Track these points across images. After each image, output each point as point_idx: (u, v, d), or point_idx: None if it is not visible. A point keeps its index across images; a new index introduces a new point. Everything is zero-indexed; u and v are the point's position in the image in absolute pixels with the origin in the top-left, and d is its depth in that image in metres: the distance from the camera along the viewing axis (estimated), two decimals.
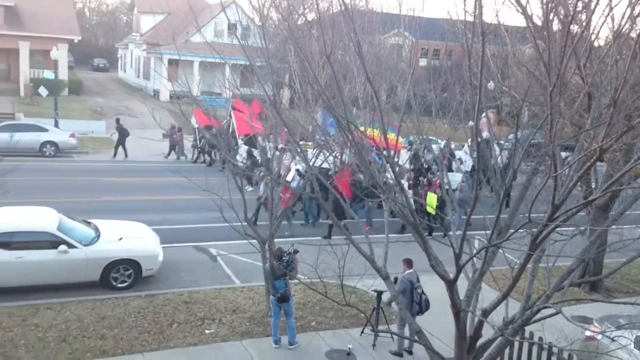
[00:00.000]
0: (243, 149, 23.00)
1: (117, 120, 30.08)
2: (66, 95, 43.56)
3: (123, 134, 29.01)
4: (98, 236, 13.79)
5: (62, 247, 12.88)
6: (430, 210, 17.69)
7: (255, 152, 22.33)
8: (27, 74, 42.96)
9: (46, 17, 43.93)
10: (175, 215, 19.31)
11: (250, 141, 22.78)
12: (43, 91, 39.10)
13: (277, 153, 13.29)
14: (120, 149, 28.98)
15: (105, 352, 10.65)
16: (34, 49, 43.47)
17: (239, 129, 24.62)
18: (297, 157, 13.83)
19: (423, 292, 10.99)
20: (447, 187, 9.68)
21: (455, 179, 21.13)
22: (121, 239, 13.93)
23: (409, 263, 11.31)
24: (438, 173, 20.63)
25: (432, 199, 18.28)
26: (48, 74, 39.41)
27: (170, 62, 36.37)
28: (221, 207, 11.19)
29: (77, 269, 13.07)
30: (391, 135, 10.29)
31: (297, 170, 18.05)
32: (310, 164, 10.89)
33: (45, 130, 28.64)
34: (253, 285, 13.97)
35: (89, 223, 14.55)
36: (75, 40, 46.36)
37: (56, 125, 31.25)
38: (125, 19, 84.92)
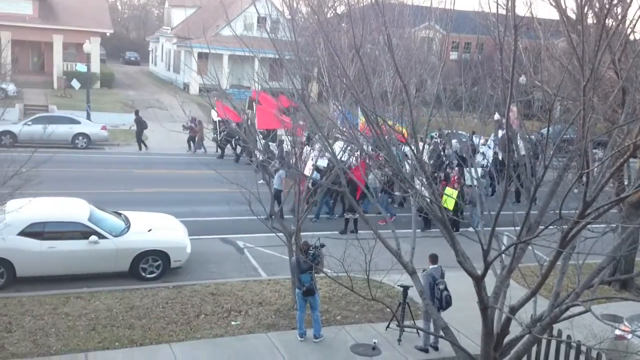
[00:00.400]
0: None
1: (137, 112, 30.21)
2: (98, 88, 44.26)
3: (141, 126, 29.15)
4: (128, 227, 14.00)
5: (93, 237, 13.11)
6: (449, 205, 17.30)
7: (273, 146, 22.49)
8: (60, 67, 43.75)
9: (79, 11, 44.66)
10: (203, 207, 19.48)
11: (268, 135, 22.91)
12: (76, 84, 39.77)
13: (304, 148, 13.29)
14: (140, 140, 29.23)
15: (134, 341, 10.82)
16: (67, 42, 44.24)
17: (259, 124, 24.48)
18: (314, 152, 13.83)
19: (445, 289, 10.86)
20: (475, 181, 9.56)
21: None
22: (150, 230, 14.13)
23: (433, 258, 11.23)
24: (456, 168, 20.38)
25: (452, 194, 17.99)
26: (81, 67, 40.09)
27: (200, 55, 36.63)
28: (250, 200, 11.28)
29: (107, 259, 13.30)
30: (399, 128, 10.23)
31: (315, 165, 18.10)
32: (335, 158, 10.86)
33: (78, 122, 29.13)
34: (279, 278, 14.04)
35: (119, 214, 14.78)
36: (108, 34, 47.06)
37: (88, 117, 31.79)
38: (157, 12, 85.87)
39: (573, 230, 6.55)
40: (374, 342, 11.17)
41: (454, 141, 17.56)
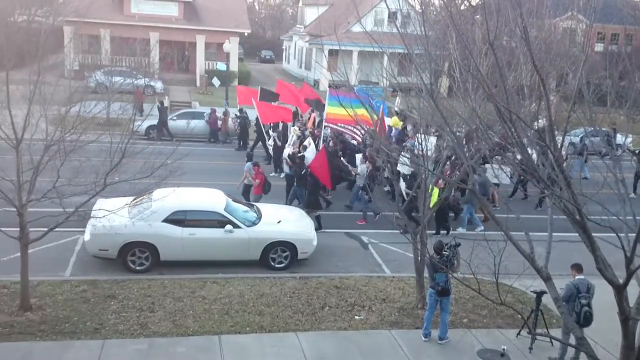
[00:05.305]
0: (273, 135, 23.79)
1: (162, 102, 29.58)
2: (236, 85, 46.47)
3: (163, 114, 28.46)
4: (259, 218, 14.58)
5: (228, 226, 13.78)
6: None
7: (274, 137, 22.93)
8: (202, 66, 46.50)
9: (220, 12, 47.18)
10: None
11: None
12: (216, 82, 42.09)
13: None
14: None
15: (263, 327, 11.26)
16: (209, 42, 46.89)
17: (263, 118, 24.77)
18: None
19: (588, 305, 9.93)
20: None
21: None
22: (280, 222, 14.58)
23: (578, 268, 10.34)
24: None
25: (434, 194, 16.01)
26: (220, 66, 42.30)
27: (331, 52, 37.23)
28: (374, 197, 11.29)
29: (240, 248, 13.95)
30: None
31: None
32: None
33: None
34: (403, 276, 13.92)
35: (252, 205, 15.45)
36: (246, 34, 49.28)
37: None
38: (291, 11, 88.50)
39: None
40: (503, 349, 10.72)
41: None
